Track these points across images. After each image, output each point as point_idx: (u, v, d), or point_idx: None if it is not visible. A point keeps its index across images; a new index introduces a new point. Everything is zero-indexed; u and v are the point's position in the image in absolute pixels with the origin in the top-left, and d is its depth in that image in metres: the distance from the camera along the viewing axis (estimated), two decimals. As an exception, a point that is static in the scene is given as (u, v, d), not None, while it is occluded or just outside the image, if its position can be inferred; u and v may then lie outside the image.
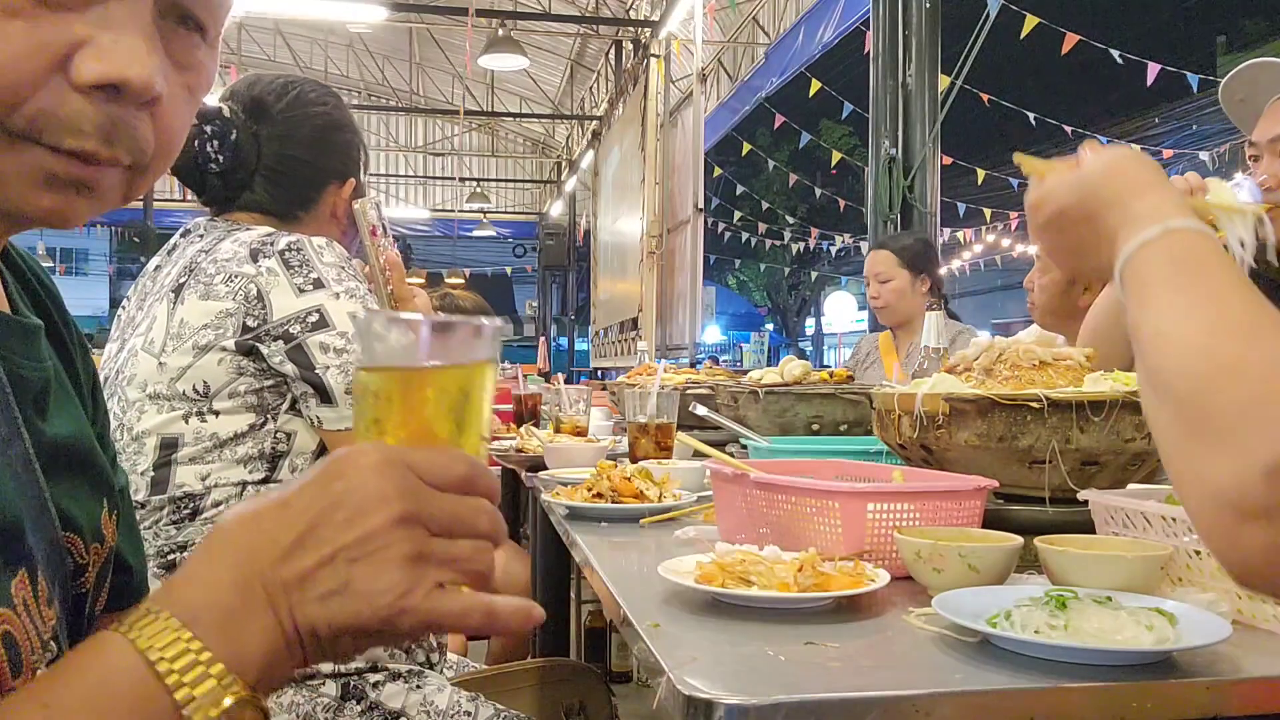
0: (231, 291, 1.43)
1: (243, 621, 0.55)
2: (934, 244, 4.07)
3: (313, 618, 0.57)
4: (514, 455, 2.54)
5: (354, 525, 0.57)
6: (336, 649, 0.59)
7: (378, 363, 0.63)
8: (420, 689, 1.45)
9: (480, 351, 0.63)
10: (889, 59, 4.98)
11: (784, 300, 28.50)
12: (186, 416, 1.42)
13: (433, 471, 0.59)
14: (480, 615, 0.59)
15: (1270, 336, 0.71)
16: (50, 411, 0.69)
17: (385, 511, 0.57)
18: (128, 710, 0.53)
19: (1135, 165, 0.87)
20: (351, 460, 0.59)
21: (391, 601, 0.57)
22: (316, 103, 1.61)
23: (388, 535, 0.57)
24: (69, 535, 0.67)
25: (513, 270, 25.66)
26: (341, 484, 0.58)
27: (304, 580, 0.56)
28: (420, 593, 0.57)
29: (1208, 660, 0.85)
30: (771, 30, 9.47)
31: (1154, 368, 0.75)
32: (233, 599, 0.56)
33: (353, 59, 15.72)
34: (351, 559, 0.57)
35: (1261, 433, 0.65)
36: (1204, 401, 0.70)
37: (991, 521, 1.23)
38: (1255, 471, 0.64)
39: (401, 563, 0.57)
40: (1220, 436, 0.68)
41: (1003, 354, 1.37)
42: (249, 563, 0.57)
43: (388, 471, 0.58)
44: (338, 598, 0.56)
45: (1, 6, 0.56)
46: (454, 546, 0.59)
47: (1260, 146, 1.94)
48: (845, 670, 0.85)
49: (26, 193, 0.60)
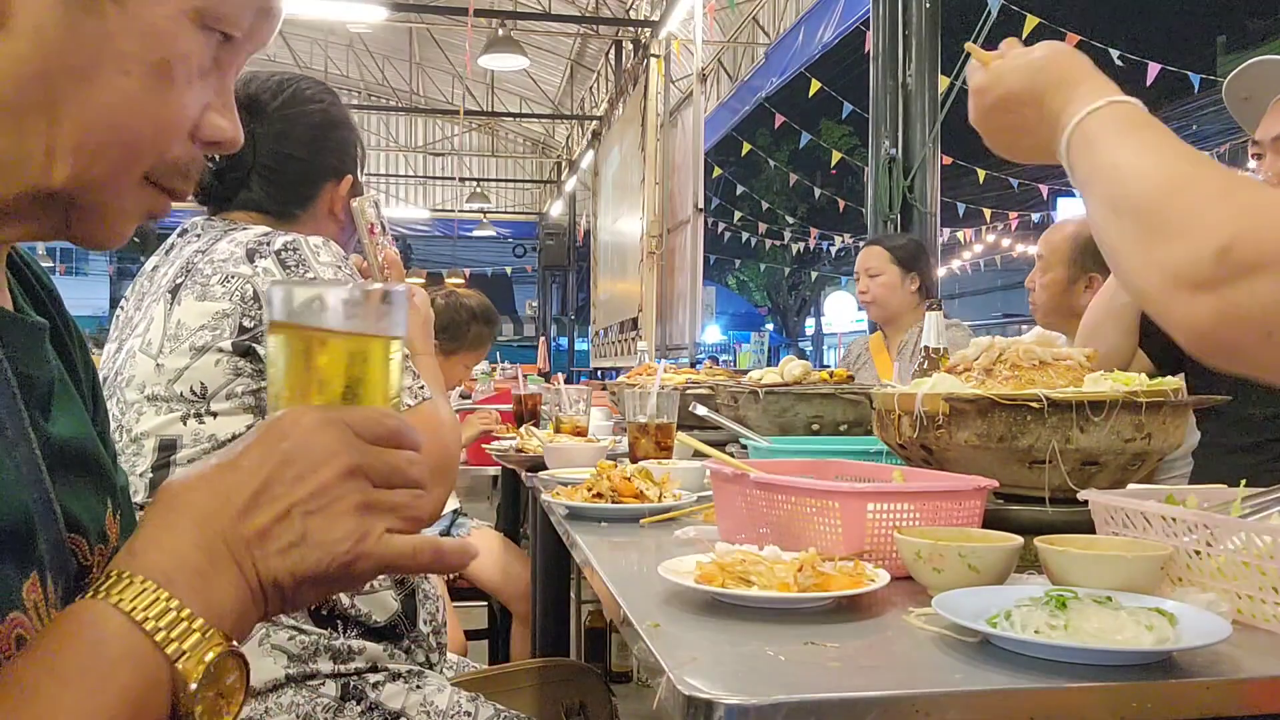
0: (228, 292, 1.42)
1: (212, 579, 0.59)
2: (927, 247, 4.09)
3: (275, 570, 0.61)
4: (514, 455, 2.54)
5: (306, 480, 0.61)
6: (299, 598, 0.63)
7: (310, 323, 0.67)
8: (420, 689, 1.45)
9: (397, 319, 0.69)
10: (889, 59, 4.98)
11: (784, 300, 28.50)
12: (184, 418, 1.41)
13: (368, 428, 0.64)
14: (429, 553, 0.65)
15: (1213, 163, 0.84)
16: (54, 412, 0.69)
17: (333, 466, 0.62)
18: (126, 669, 0.56)
19: (1076, 56, 0.99)
20: (293, 421, 0.63)
21: (349, 548, 0.62)
22: (313, 100, 1.61)
23: (338, 488, 0.62)
24: (74, 536, 0.67)
25: (513, 270, 25.67)
26: (288, 443, 0.62)
27: (264, 535, 0.61)
28: (373, 539, 0.62)
29: (1208, 660, 0.85)
30: (771, 30, 9.47)
31: (1111, 194, 0.87)
32: (200, 559, 0.59)
33: (353, 59, 15.72)
34: (307, 512, 0.61)
35: (1214, 221, 0.77)
36: (1161, 205, 0.82)
37: (991, 521, 1.23)
38: (1208, 251, 0.76)
39: (353, 512, 0.62)
40: (1177, 228, 0.80)
41: (1003, 354, 1.37)
42: (210, 523, 0.60)
43: (330, 429, 0.63)
44: (297, 549, 0.61)
45: (196, 70, 0.66)
46: (394, 495, 0.64)
47: (1264, 144, 1.94)
48: (845, 670, 0.85)
49: (126, 225, 0.68)
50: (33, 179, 0.63)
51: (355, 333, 0.67)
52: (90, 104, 0.62)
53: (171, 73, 0.64)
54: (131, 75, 0.63)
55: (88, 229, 0.67)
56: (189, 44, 0.65)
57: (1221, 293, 0.75)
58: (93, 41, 0.61)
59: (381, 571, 0.64)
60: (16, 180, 0.63)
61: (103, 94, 0.62)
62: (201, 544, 0.60)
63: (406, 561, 0.64)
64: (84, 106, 0.62)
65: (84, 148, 0.63)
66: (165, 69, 0.64)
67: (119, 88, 0.63)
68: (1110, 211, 0.86)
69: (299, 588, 0.62)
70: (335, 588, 0.64)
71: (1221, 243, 0.75)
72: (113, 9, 0.62)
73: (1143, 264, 0.82)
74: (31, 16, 0.60)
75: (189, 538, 0.60)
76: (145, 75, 0.63)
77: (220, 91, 0.69)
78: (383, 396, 0.69)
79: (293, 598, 0.63)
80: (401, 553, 0.64)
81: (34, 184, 0.63)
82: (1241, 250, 0.74)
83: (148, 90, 0.64)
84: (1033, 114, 0.98)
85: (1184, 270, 0.77)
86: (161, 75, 0.64)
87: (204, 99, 0.67)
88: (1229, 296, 0.75)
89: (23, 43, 0.60)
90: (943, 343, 1.90)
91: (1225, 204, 0.79)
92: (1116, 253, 0.85)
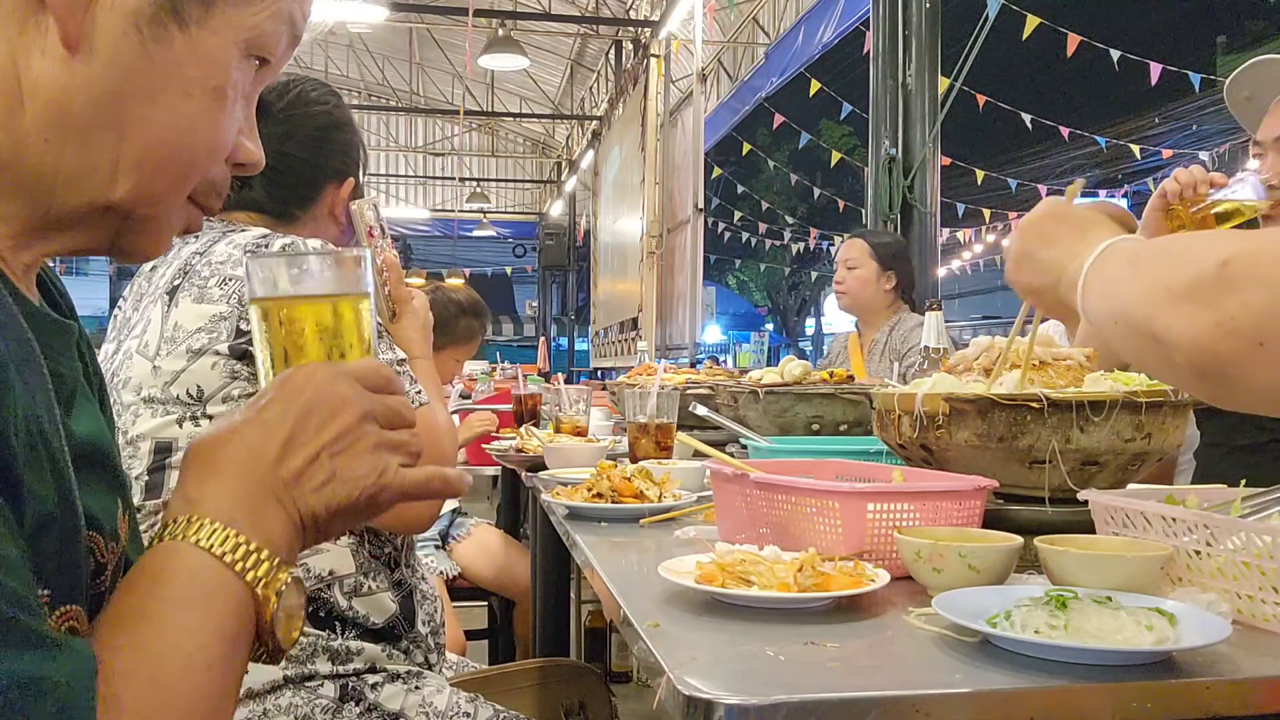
0: (225, 295, 1.41)
1: (264, 518, 0.68)
2: (909, 249, 4.14)
3: (313, 505, 0.70)
4: (514, 455, 2.54)
5: (328, 426, 0.70)
6: (331, 528, 0.72)
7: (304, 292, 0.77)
8: (419, 690, 1.45)
9: (367, 277, 0.79)
10: (889, 59, 4.98)
11: (784, 300, 28.51)
12: (180, 421, 1.40)
13: (369, 378, 0.74)
14: (439, 480, 0.75)
15: None
16: (76, 411, 0.71)
17: (350, 412, 0.71)
18: (220, 596, 0.65)
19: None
20: (307, 376, 0.72)
21: (373, 482, 0.71)
22: (317, 101, 1.61)
23: (356, 431, 0.71)
24: (92, 534, 0.69)
25: (513, 270, 25.65)
26: (306, 396, 0.71)
27: (300, 477, 0.69)
28: (391, 472, 0.72)
29: (1208, 660, 0.85)
30: (771, 30, 9.47)
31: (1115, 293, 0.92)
32: (252, 501, 0.68)
33: (353, 59, 15.73)
34: (333, 453, 0.70)
35: (1215, 246, 0.82)
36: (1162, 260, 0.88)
37: (991, 521, 1.23)
38: (1210, 266, 0.79)
39: (371, 451, 0.72)
40: (1180, 258, 0.85)
41: (1003, 354, 1.37)
42: (251, 472, 0.69)
43: (340, 381, 0.72)
44: (329, 486, 0.70)
45: (239, 94, 0.72)
46: (399, 434, 0.74)
47: (1265, 144, 1.94)
48: (845, 670, 0.85)
49: (165, 240, 0.74)
50: (95, 191, 0.68)
51: (336, 294, 0.77)
52: (155, 124, 0.68)
53: (225, 97, 0.70)
54: (193, 98, 0.69)
55: (135, 241, 0.73)
56: (239, 71, 0.71)
57: (1218, 305, 0.78)
58: (161, 66, 0.67)
59: (401, 499, 0.73)
60: (80, 192, 0.67)
61: (167, 115, 0.68)
62: (249, 489, 0.68)
63: (421, 489, 0.74)
64: (149, 126, 0.68)
65: (146, 164, 0.68)
66: (220, 94, 0.70)
67: (182, 110, 0.68)
68: (1116, 292, 0.92)
69: (332, 520, 0.71)
70: (362, 517, 0.74)
71: (1222, 258, 0.79)
72: (179, 37, 0.67)
73: (1146, 291, 0.86)
74: (106, 41, 0.65)
75: (237, 484, 0.68)
76: (204, 99, 0.69)
77: (247, 116, 0.75)
78: (367, 348, 0.78)
79: (326, 529, 0.72)
80: (417, 481, 0.73)
81: (95, 196, 0.68)
82: (1239, 264, 0.78)
83: (205, 113, 0.70)
84: (1073, 234, 1.04)
85: (1186, 285, 0.81)
86: (217, 99, 0.70)
87: (239, 123, 0.73)
88: (1224, 308, 0.78)
89: (98, 66, 0.65)
90: (943, 343, 1.90)
91: (1224, 238, 0.84)
92: (1124, 309, 0.90)
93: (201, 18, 0.68)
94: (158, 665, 0.61)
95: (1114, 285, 0.93)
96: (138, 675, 0.60)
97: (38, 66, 0.64)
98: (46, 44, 0.64)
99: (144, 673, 0.61)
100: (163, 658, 0.62)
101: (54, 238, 0.70)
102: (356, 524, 0.74)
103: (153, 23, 0.66)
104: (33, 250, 0.70)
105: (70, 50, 0.64)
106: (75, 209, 0.68)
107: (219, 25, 0.68)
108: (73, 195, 0.67)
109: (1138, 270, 0.90)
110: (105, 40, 0.65)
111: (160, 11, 0.66)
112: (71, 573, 0.64)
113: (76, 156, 0.66)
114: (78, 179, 0.67)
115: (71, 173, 0.66)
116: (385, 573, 1.50)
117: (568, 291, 18.86)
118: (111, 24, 0.65)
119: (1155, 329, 0.84)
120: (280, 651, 0.69)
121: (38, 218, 0.68)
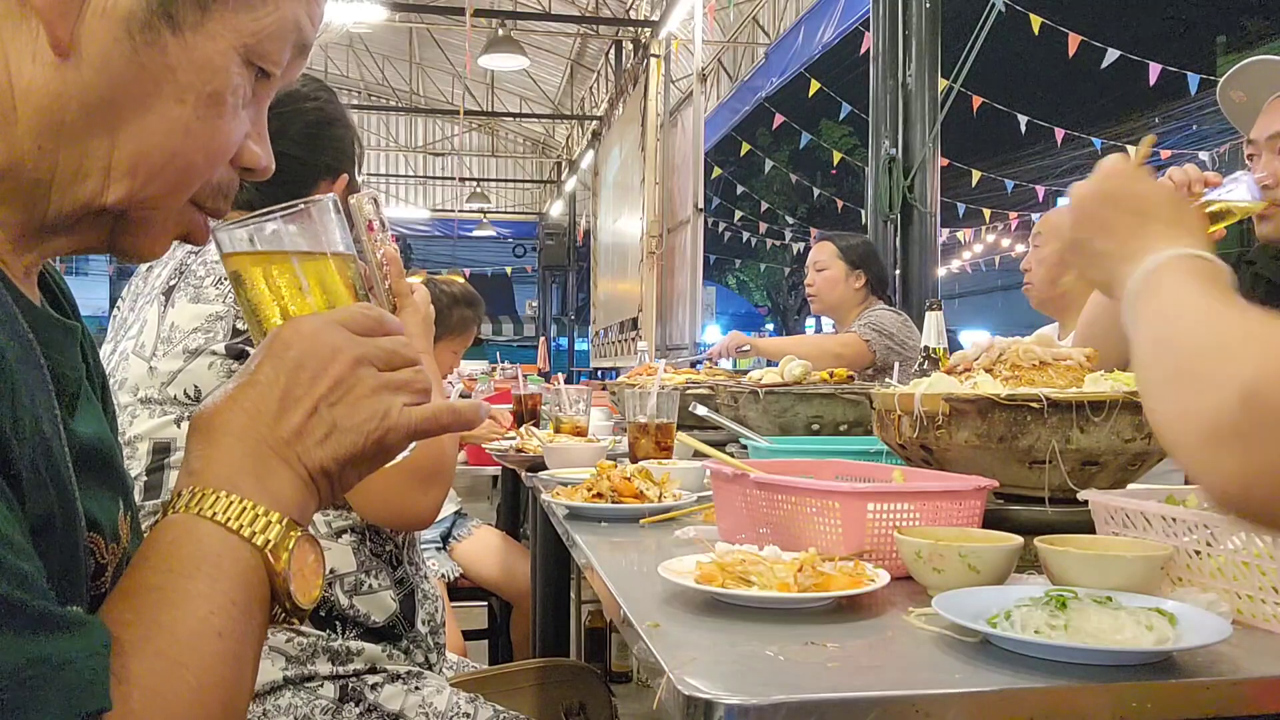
0: (221, 294, 1.40)
1: (268, 480, 0.67)
2: (878, 248, 4.21)
3: (319, 459, 0.69)
4: (514, 455, 2.54)
5: (321, 378, 0.69)
6: (345, 479, 0.72)
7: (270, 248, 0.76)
8: (419, 690, 1.45)
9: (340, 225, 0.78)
10: (889, 59, 4.98)
11: (784, 300, 28.48)
12: (179, 420, 1.39)
13: (356, 323, 0.72)
14: (448, 414, 0.73)
15: (1252, 309, 0.79)
16: (79, 412, 0.71)
17: (341, 360, 0.70)
18: (229, 561, 0.65)
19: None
20: (293, 331, 0.71)
21: (376, 425, 0.70)
22: (309, 98, 1.60)
23: (350, 378, 0.70)
24: (92, 535, 0.69)
25: (513, 270, 25.64)
26: (294, 350, 0.70)
27: (300, 433, 0.69)
28: (394, 414, 0.71)
29: (1208, 660, 0.85)
30: (771, 30, 9.47)
31: (1158, 333, 0.84)
32: (254, 465, 0.67)
33: (353, 59, 15.72)
34: (330, 404, 0.69)
35: (1239, 363, 0.72)
36: (1194, 342, 0.78)
37: (991, 521, 1.23)
38: (1233, 397, 0.70)
39: (370, 395, 0.70)
40: (1205, 371, 0.75)
41: (1003, 354, 1.37)
42: (249, 435, 0.68)
43: (328, 331, 0.71)
44: (332, 438, 0.69)
45: (242, 101, 0.71)
46: (400, 374, 0.72)
47: (1259, 144, 1.94)
48: (845, 670, 0.85)
49: (162, 242, 0.74)
50: (89, 197, 0.67)
51: (309, 250, 0.76)
52: (148, 130, 0.67)
53: (222, 103, 0.69)
54: (186, 104, 0.68)
55: (129, 242, 0.72)
56: (237, 77, 0.70)
57: (1248, 444, 0.70)
58: (153, 72, 0.66)
59: (411, 439, 0.72)
60: (74, 197, 0.67)
61: (160, 121, 0.67)
62: (249, 453, 0.68)
63: (430, 425, 0.72)
64: (142, 132, 0.67)
65: (139, 170, 0.68)
66: (217, 100, 0.69)
67: (175, 116, 0.68)
68: (1153, 347, 0.84)
69: (343, 471, 0.71)
70: (376, 463, 0.72)
71: (1245, 387, 0.70)
72: (172, 42, 0.66)
73: (1175, 414, 0.78)
74: (99, 47, 0.65)
75: (237, 450, 0.68)
76: (199, 105, 0.68)
77: (256, 122, 0.74)
78: (352, 295, 0.77)
79: (340, 480, 0.71)
80: (424, 417, 0.72)
81: (90, 201, 0.68)
82: (1266, 394, 0.69)
83: (200, 119, 0.69)
84: (1131, 225, 0.96)
85: (1211, 421, 0.73)
86: (213, 105, 0.69)
87: (245, 128, 0.73)
88: (1255, 449, 0.69)
89: (89, 71, 0.65)
90: (942, 343, 1.90)
91: (1251, 345, 0.74)
92: (1151, 396, 0.82)
93: (197, 22, 0.67)
94: (166, 636, 0.61)
95: (1156, 342, 0.84)
96: (146, 647, 0.60)
97: (29, 73, 0.64)
98: (37, 50, 0.64)
99: (152, 644, 0.60)
100: (171, 628, 0.61)
101: (52, 240, 0.70)
102: (372, 470, 0.73)
103: (145, 28, 0.65)
104: (32, 252, 0.70)
105: (61, 56, 0.64)
106: (71, 213, 0.68)
107: (216, 30, 0.68)
108: (67, 200, 0.67)
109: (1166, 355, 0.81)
110: (96, 46, 0.65)
111: (153, 16, 0.65)
112: (71, 574, 0.64)
113: (70, 162, 0.66)
114: (71, 184, 0.67)
115: (65, 178, 0.66)
116: (387, 570, 1.50)
117: (568, 291, 18.86)
118: (102, 29, 0.65)
119: (1181, 459, 0.77)
120: (301, 611, 0.68)
121: (35, 222, 0.68)
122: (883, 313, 3.57)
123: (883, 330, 3.47)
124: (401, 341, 0.74)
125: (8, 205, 0.67)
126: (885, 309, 3.63)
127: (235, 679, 0.63)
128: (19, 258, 0.69)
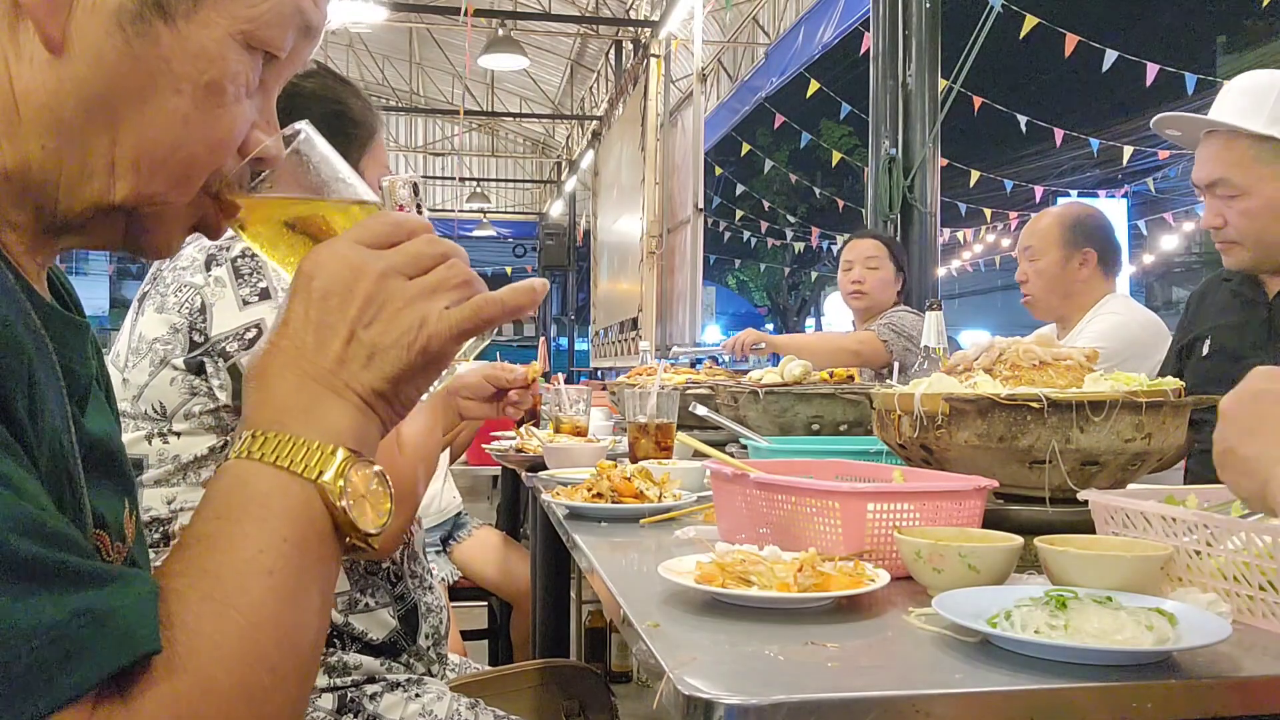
0: (179, 304, 1.34)
1: (317, 411, 0.67)
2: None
3: (368, 382, 0.68)
4: (514, 455, 2.54)
5: (350, 301, 0.68)
6: (404, 395, 0.70)
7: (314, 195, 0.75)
8: (419, 698, 1.43)
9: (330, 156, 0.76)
10: (889, 59, 4.97)
11: (784, 300, 28.48)
12: (150, 437, 1.34)
13: (373, 236, 0.70)
14: (493, 306, 0.70)
15: None
16: (89, 410, 0.71)
17: (365, 279, 0.68)
18: (277, 499, 0.64)
19: None
20: (313, 262, 0.69)
21: (415, 336, 0.68)
22: (312, 96, 1.59)
23: (380, 294, 0.68)
24: (99, 533, 0.69)
25: (513, 270, 25.58)
26: (318, 281, 0.68)
27: (341, 361, 0.68)
28: (434, 319, 0.68)
29: (1208, 660, 0.85)
30: (771, 30, 9.47)
31: None
32: (299, 400, 0.67)
33: (353, 59, 15.71)
34: (366, 325, 0.68)
35: None
36: None
37: (991, 521, 1.23)
38: None
39: (403, 306, 0.68)
40: None
41: (1003, 354, 1.37)
42: (291, 373, 0.68)
43: (345, 252, 0.69)
44: (375, 359, 0.68)
45: (245, 89, 0.70)
46: (430, 276, 0.70)
47: (1202, 189, 2.04)
48: (845, 670, 0.85)
49: (176, 237, 0.73)
50: (96, 195, 0.67)
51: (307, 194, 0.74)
52: (147, 123, 0.66)
53: (222, 92, 0.68)
54: (184, 95, 0.67)
55: (144, 240, 0.72)
56: (237, 64, 0.68)
57: None
58: (148, 64, 0.65)
59: (461, 339, 0.70)
60: (81, 196, 0.67)
61: (159, 113, 0.66)
62: (294, 389, 0.67)
63: (474, 322, 0.70)
64: (142, 125, 0.66)
65: (142, 164, 0.67)
66: (216, 89, 0.68)
67: (173, 107, 0.67)
68: None
69: (396, 387, 0.69)
70: (431, 372, 0.71)
71: None
72: (166, 33, 0.65)
73: None
74: (90, 42, 0.64)
75: (281, 389, 0.67)
76: (197, 95, 0.67)
77: (264, 109, 0.73)
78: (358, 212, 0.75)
79: (398, 398, 0.70)
80: (466, 317, 0.69)
81: (98, 199, 0.67)
82: None
83: (200, 109, 0.68)
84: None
85: None
86: (213, 94, 0.68)
87: (251, 116, 0.72)
88: None
89: (82, 66, 0.64)
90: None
91: None
92: None
93: (189, 11, 0.66)
94: (212, 579, 0.60)
95: None
96: (192, 593, 0.59)
97: (26, 73, 0.64)
98: (32, 49, 0.64)
99: (198, 589, 0.60)
100: (216, 571, 0.61)
101: (65, 238, 0.70)
102: (430, 379, 0.71)
103: (137, 20, 0.65)
104: (45, 251, 0.70)
105: (53, 53, 0.64)
106: (81, 212, 0.68)
107: (210, 18, 0.67)
108: (76, 200, 0.67)
109: None
110: (88, 40, 0.64)
111: (144, 8, 0.65)
112: None
113: (74, 161, 0.66)
114: (78, 183, 0.66)
115: (71, 177, 0.66)
116: (385, 587, 1.48)
117: (568, 291, 18.86)
118: (93, 24, 0.64)
119: None
120: (370, 538, 0.67)
121: (46, 222, 0.68)
122: (904, 314, 3.55)
123: (902, 331, 3.45)
124: (426, 240, 0.71)
125: (19, 207, 0.67)
126: (906, 310, 3.61)
127: (291, 616, 0.62)
128: (33, 257, 0.69)
